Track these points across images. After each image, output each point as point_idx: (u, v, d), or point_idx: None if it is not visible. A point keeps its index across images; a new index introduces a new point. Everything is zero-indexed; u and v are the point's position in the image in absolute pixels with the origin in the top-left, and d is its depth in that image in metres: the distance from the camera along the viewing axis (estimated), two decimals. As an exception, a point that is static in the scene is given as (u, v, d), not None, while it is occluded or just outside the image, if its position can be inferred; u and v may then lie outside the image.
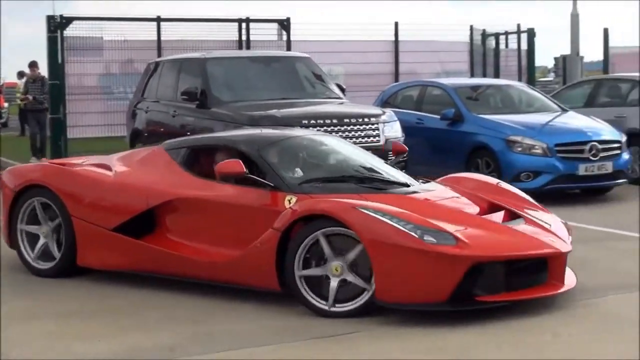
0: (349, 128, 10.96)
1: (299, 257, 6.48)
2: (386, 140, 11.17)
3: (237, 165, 6.96)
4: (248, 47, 19.34)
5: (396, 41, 21.75)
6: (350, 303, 6.39)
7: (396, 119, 11.82)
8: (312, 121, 10.73)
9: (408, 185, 7.41)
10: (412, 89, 15.23)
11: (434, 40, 22.33)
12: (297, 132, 8.54)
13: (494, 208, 7.28)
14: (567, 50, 23.41)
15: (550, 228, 7.01)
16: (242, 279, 6.89)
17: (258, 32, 19.93)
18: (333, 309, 6.40)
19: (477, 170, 12.47)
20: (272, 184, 7.00)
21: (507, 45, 24.43)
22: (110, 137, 17.86)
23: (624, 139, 13.07)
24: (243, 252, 6.82)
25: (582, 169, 12.34)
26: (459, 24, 23.71)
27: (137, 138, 13.67)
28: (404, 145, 8.59)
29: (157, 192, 7.47)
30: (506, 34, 24.11)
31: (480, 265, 6.24)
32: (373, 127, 11.21)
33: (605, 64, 24.71)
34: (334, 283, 6.39)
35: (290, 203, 6.83)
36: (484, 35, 23.72)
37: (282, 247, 6.56)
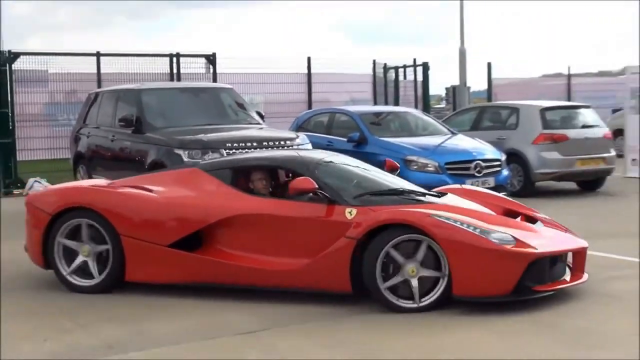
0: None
1: (378, 272, 6.45)
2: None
3: (309, 183, 6.88)
4: (179, 79, 19.27)
5: (309, 74, 21.86)
6: (432, 293, 6.45)
7: (308, 141, 11.81)
8: (235, 144, 10.71)
9: (439, 196, 7.47)
10: (323, 116, 15.25)
11: (342, 72, 22.54)
12: (323, 153, 8.27)
13: (510, 213, 7.48)
14: (456, 81, 23.51)
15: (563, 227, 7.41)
16: (314, 284, 6.76)
17: (187, 66, 19.90)
18: (422, 304, 6.43)
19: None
20: (331, 198, 6.91)
21: (405, 77, 24.70)
22: (55, 159, 17.72)
23: (503, 157, 13.25)
24: (315, 259, 6.70)
25: (468, 184, 12.15)
26: (363, 58, 23.89)
27: (79, 160, 13.55)
28: (396, 162, 8.50)
29: (218, 209, 7.14)
30: (404, 67, 24.39)
31: (535, 261, 6.45)
32: (288, 149, 11.22)
33: (489, 93, 25.24)
34: (414, 283, 6.42)
35: (351, 215, 6.77)
36: (385, 68, 23.97)
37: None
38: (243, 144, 10.77)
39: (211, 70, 19.97)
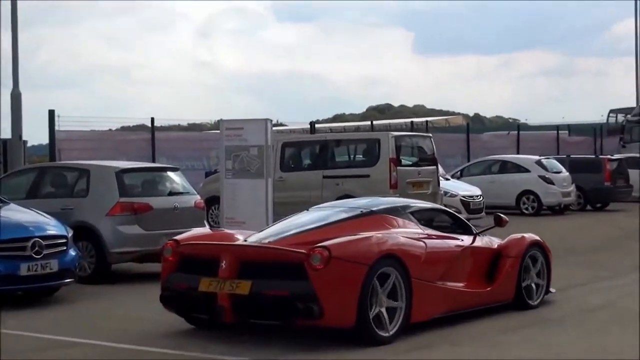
0: None
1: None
2: None
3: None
4: None
5: None
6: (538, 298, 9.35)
7: None
8: None
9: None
10: None
11: None
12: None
13: None
14: (8, 134, 19.54)
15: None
16: (498, 299, 8.77)
17: None
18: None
19: None
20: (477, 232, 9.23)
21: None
22: None
23: (70, 233, 10.41)
24: (498, 280, 8.77)
25: (24, 269, 9.53)
26: None
27: None
28: None
29: (457, 246, 8.50)
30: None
31: None
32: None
33: (52, 149, 20.95)
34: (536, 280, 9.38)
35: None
36: None
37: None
38: None
39: None
